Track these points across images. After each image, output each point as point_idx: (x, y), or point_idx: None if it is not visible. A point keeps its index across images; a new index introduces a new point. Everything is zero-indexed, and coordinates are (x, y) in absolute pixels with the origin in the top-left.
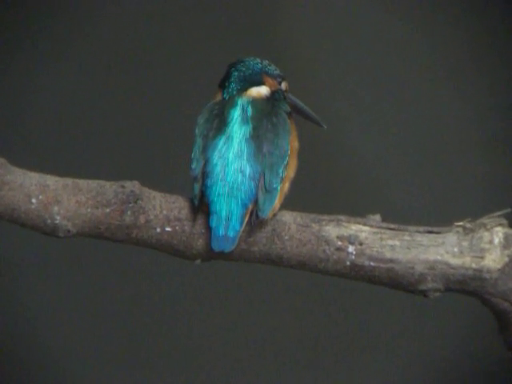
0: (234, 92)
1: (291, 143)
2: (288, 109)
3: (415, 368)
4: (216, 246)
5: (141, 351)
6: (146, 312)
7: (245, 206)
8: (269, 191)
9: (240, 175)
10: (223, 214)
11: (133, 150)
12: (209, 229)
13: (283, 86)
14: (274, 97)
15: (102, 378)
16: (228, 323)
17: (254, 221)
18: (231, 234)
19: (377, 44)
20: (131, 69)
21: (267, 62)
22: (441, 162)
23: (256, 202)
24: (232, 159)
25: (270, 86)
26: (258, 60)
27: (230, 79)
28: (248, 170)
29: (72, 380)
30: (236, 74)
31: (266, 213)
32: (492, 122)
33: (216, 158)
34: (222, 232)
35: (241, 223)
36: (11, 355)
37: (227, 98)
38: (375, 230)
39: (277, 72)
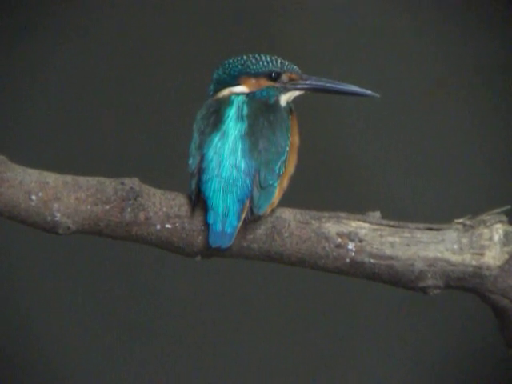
0: (211, 93)
1: (291, 139)
2: (287, 104)
3: (414, 366)
4: (213, 242)
5: (140, 349)
6: (145, 310)
7: (241, 201)
8: (264, 188)
9: (235, 171)
10: (220, 210)
11: (132, 146)
12: (207, 225)
13: (284, 78)
14: (263, 94)
15: (101, 375)
16: (227, 321)
17: (249, 217)
18: (228, 229)
19: (377, 43)
20: (131, 66)
21: (254, 59)
22: (441, 159)
23: (251, 198)
24: (227, 155)
25: (250, 86)
26: (240, 61)
27: (211, 82)
28: (243, 166)
29: (71, 378)
30: (215, 76)
31: (262, 210)
32: (492, 119)
33: (211, 153)
34: (219, 228)
35: (238, 219)
36: (9, 354)
37: (210, 99)
38: (375, 226)
39: (266, 69)
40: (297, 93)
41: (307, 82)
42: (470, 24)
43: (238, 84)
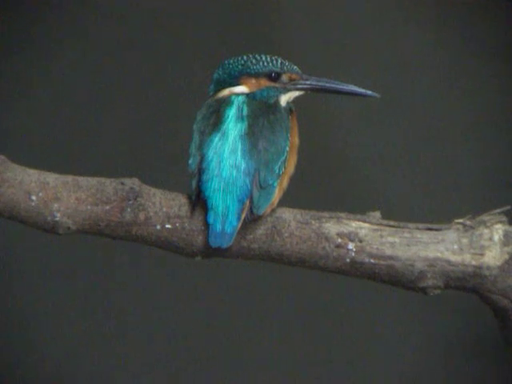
0: (211, 93)
1: (291, 139)
2: (288, 104)
3: (414, 366)
4: (213, 242)
5: (140, 349)
6: (145, 310)
7: (241, 201)
8: (264, 188)
9: (235, 171)
10: (220, 209)
11: (132, 146)
12: (207, 225)
13: (284, 78)
14: (263, 95)
15: (100, 375)
16: (227, 321)
17: (249, 217)
18: (228, 229)
19: (377, 43)
20: (131, 66)
21: (255, 59)
22: (441, 159)
23: (251, 198)
24: (227, 155)
25: (250, 86)
26: (241, 61)
27: (211, 81)
28: (243, 166)
29: (70, 377)
30: (215, 76)
31: (262, 210)
32: (491, 118)
33: (211, 154)
34: (219, 228)
35: (238, 219)
36: (8, 354)
37: (211, 99)
38: (375, 227)
39: (266, 69)
40: (297, 93)
41: (307, 82)
42: (470, 25)
43: (239, 84)
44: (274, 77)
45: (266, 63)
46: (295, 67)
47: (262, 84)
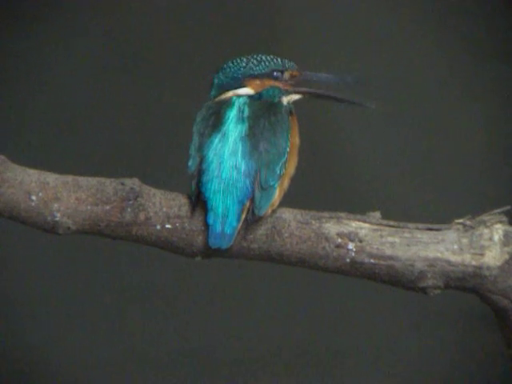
0: (212, 98)
1: (292, 140)
2: (288, 105)
3: (413, 366)
4: (213, 243)
5: (140, 349)
6: (145, 310)
7: (241, 202)
8: (265, 189)
9: (235, 172)
10: (220, 210)
11: (133, 147)
12: (207, 226)
13: (286, 75)
14: (269, 93)
15: (100, 375)
16: (227, 321)
17: (250, 218)
18: (228, 230)
19: (376, 42)
20: (131, 66)
21: (256, 60)
22: (441, 159)
23: (252, 199)
24: (227, 156)
25: (255, 87)
26: (242, 63)
27: (212, 86)
28: (243, 167)
29: (70, 378)
30: (216, 81)
31: (263, 210)
32: (492, 119)
33: (212, 155)
34: (218, 229)
35: (238, 220)
36: (8, 354)
37: (211, 101)
38: (375, 227)
39: (268, 69)
40: (296, 97)
41: (307, 83)
42: (470, 25)
43: (243, 86)
44: (277, 75)
45: (267, 63)
46: (295, 64)
47: (267, 84)
